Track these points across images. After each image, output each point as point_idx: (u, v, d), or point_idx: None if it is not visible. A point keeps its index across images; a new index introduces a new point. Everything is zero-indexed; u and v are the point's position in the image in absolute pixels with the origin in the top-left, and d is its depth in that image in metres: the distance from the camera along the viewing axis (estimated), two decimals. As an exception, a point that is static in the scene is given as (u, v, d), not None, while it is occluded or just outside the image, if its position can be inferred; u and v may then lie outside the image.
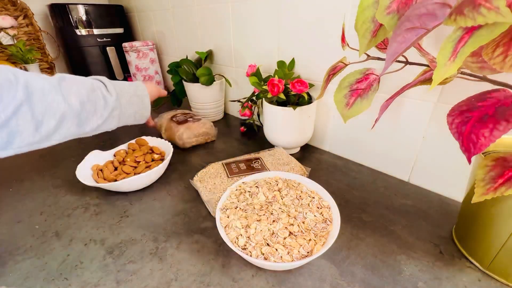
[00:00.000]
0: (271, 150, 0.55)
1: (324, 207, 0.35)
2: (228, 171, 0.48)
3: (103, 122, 0.39)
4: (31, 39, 1.04)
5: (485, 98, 0.22)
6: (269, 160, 0.51)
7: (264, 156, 0.52)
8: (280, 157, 0.52)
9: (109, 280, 0.31)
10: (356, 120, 0.50)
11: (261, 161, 0.50)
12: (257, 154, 0.53)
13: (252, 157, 0.52)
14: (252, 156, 0.53)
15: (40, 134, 0.32)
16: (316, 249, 0.30)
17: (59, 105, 0.33)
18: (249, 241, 0.31)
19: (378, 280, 0.30)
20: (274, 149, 0.55)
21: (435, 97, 0.40)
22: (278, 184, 0.40)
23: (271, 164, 0.50)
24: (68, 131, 0.35)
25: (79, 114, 0.35)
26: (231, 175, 0.46)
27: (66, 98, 0.34)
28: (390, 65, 0.23)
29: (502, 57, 0.19)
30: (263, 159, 0.51)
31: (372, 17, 0.28)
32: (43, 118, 0.31)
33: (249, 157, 0.52)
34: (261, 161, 0.50)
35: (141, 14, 1.05)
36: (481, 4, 0.17)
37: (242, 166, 0.49)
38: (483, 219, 0.29)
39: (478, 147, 0.21)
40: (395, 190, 0.45)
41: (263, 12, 0.59)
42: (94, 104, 0.37)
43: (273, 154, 0.53)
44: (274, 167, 0.49)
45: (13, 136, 0.29)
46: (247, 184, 0.40)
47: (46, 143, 0.34)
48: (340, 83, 0.34)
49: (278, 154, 0.53)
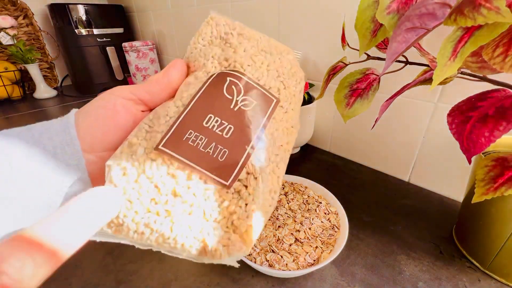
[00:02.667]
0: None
1: (331, 213, 0.35)
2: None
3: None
4: (31, 39, 1.05)
5: (485, 98, 0.22)
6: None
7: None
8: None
9: (109, 280, 0.31)
10: (356, 120, 0.50)
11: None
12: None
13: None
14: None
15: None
16: (323, 257, 0.29)
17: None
18: (254, 246, 0.30)
19: (378, 280, 0.30)
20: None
21: (435, 97, 0.40)
22: (284, 188, 0.39)
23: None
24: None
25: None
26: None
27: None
28: (390, 65, 0.23)
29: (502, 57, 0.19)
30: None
31: (372, 17, 0.28)
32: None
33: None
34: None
35: (141, 14, 1.05)
36: (481, 4, 0.17)
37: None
38: (483, 219, 0.29)
39: (478, 147, 0.21)
40: (395, 190, 0.45)
41: (263, 12, 0.59)
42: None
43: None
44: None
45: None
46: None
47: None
48: (340, 83, 0.34)
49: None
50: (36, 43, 1.06)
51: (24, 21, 1.02)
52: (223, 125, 0.18)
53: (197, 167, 0.16)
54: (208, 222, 0.16)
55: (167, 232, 0.16)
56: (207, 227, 0.16)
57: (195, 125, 0.17)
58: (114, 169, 0.16)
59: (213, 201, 0.16)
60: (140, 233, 0.16)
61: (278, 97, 0.20)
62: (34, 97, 1.03)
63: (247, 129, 0.18)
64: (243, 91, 0.19)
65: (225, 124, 0.18)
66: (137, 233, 0.16)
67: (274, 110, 0.19)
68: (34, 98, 1.03)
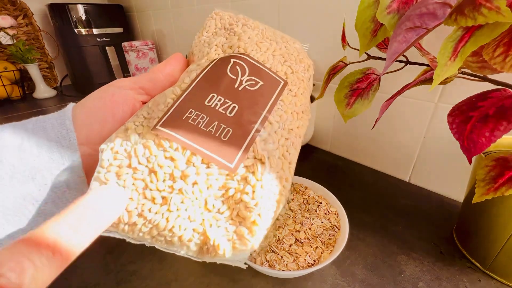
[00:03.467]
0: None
1: (331, 213, 0.35)
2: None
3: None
4: (30, 39, 1.04)
5: (485, 98, 0.22)
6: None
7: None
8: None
9: (109, 280, 0.31)
10: (356, 120, 0.50)
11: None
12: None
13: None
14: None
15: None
16: (323, 257, 0.29)
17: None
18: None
19: (379, 280, 0.30)
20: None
21: (436, 97, 0.40)
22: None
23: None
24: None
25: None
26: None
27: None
28: (390, 65, 0.23)
29: (503, 57, 0.19)
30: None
31: (373, 16, 0.28)
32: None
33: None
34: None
35: (140, 13, 1.05)
36: (481, 4, 0.16)
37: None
38: (483, 219, 0.29)
39: (479, 147, 0.21)
40: (395, 190, 0.45)
41: (262, 11, 0.59)
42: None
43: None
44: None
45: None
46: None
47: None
48: (341, 83, 0.34)
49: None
50: (36, 43, 1.06)
51: (24, 20, 1.01)
52: (227, 104, 0.16)
53: (198, 147, 0.14)
54: (210, 213, 0.14)
55: (162, 222, 0.14)
56: (209, 218, 0.14)
57: (196, 104, 0.16)
58: (105, 153, 0.15)
59: (216, 189, 0.15)
60: (132, 224, 0.14)
61: (285, 79, 0.19)
62: (34, 97, 1.03)
63: (252, 109, 0.16)
64: (248, 71, 0.17)
65: (228, 103, 0.16)
66: (128, 224, 0.14)
67: (282, 92, 0.18)
68: (33, 98, 1.03)
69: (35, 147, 0.16)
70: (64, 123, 0.17)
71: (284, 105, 0.18)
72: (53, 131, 0.16)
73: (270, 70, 0.18)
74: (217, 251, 0.14)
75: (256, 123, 0.16)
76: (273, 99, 0.17)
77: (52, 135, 0.16)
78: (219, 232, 0.14)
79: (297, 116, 0.19)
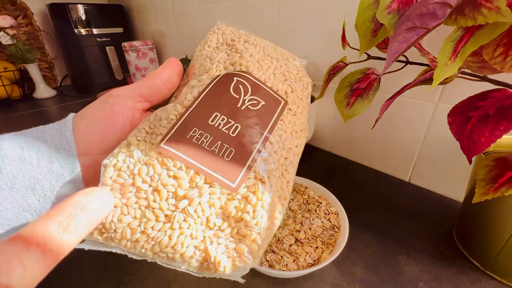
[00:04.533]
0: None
1: (331, 213, 0.35)
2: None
3: None
4: (30, 39, 1.04)
5: (485, 98, 0.22)
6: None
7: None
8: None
9: (109, 280, 0.31)
10: (356, 120, 0.50)
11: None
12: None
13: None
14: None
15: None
16: (323, 257, 0.29)
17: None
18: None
19: (379, 280, 0.30)
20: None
21: (436, 97, 0.40)
22: None
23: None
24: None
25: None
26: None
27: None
28: (390, 65, 0.23)
29: (503, 57, 0.19)
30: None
31: (373, 16, 0.28)
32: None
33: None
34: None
35: (140, 13, 1.05)
36: (481, 4, 0.16)
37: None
38: (483, 219, 0.29)
39: (479, 147, 0.21)
40: (395, 190, 0.45)
41: (263, 11, 0.59)
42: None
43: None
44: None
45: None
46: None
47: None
48: (341, 83, 0.34)
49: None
50: (36, 43, 1.06)
51: (24, 20, 1.01)
52: (230, 123, 0.16)
53: (201, 166, 0.15)
54: (211, 231, 0.15)
55: (165, 240, 0.14)
56: (211, 236, 0.15)
57: (199, 122, 0.16)
58: (108, 170, 0.15)
59: (218, 208, 0.15)
60: (135, 240, 0.15)
61: (286, 99, 0.19)
62: (34, 97, 1.03)
63: (254, 129, 0.17)
64: (251, 90, 0.18)
65: (231, 123, 0.16)
66: (131, 240, 0.15)
67: (283, 112, 0.19)
68: (33, 98, 1.03)
69: (35, 157, 0.15)
70: (64, 133, 0.17)
71: (284, 124, 0.19)
72: (53, 141, 0.16)
73: (271, 90, 0.19)
74: (218, 268, 0.14)
75: (257, 143, 0.16)
76: (274, 119, 0.18)
77: (52, 145, 0.16)
78: (220, 249, 0.15)
79: (296, 135, 0.19)
